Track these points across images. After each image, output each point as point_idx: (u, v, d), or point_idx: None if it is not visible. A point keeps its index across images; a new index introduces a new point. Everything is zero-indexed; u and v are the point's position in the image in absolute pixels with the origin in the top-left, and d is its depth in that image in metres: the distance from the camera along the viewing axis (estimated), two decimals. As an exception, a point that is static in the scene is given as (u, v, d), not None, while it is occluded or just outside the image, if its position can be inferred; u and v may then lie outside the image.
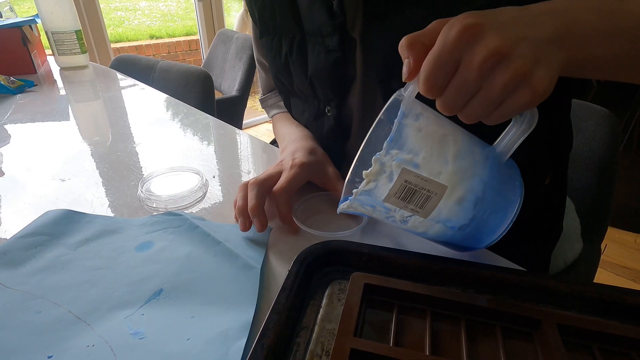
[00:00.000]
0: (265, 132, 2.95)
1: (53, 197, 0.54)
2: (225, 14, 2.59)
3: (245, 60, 1.61)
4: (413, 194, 0.32)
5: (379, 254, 0.37)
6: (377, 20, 0.46)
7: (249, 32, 2.64)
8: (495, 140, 0.34)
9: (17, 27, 1.13)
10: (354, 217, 0.48)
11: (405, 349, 0.28)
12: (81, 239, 0.44)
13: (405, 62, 0.29)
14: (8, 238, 0.44)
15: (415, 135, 0.31)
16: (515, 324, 0.31)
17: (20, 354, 0.31)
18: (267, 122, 3.08)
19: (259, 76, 0.74)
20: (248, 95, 1.66)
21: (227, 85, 1.71)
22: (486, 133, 0.34)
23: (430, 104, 0.32)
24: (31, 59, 1.18)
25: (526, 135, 0.31)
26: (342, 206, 0.36)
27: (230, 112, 1.57)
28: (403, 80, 0.30)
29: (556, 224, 0.60)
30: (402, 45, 0.29)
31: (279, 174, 0.49)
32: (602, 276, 1.46)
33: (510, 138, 0.32)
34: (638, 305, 0.31)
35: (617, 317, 0.31)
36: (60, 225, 0.46)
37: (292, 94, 0.63)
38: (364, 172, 0.33)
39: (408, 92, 0.32)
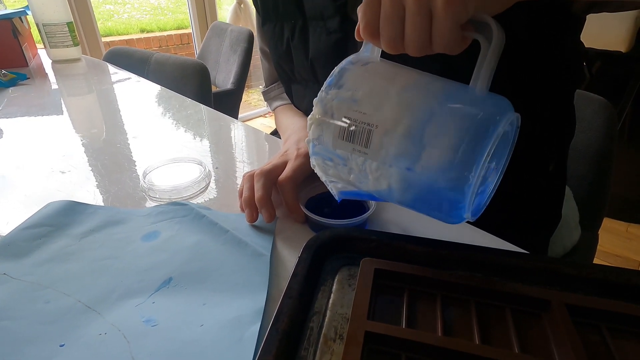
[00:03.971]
0: (260, 126, 2.93)
1: (54, 189, 0.53)
2: (217, 7, 2.56)
3: (240, 53, 1.59)
4: (354, 131, 0.30)
5: (386, 240, 0.37)
6: None
7: (242, 24, 2.62)
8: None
9: (7, 19, 1.10)
10: (360, 207, 0.48)
11: (418, 331, 0.29)
12: (86, 229, 0.43)
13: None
14: (11, 230, 0.43)
15: (359, 75, 0.31)
16: (524, 306, 0.31)
17: (32, 343, 0.30)
18: (262, 116, 3.07)
19: (262, 67, 0.73)
20: (243, 88, 1.64)
21: (222, 78, 1.70)
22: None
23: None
24: (22, 51, 1.16)
25: (496, 56, 0.27)
26: (313, 167, 0.35)
27: (226, 105, 1.56)
28: (356, 38, 0.31)
29: (556, 210, 0.60)
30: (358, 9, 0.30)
31: (284, 164, 0.49)
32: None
33: (480, 64, 0.28)
34: (643, 285, 0.32)
35: (622, 298, 0.32)
36: (64, 217, 0.45)
37: (293, 81, 0.63)
38: (308, 117, 0.32)
39: (362, 47, 0.32)
